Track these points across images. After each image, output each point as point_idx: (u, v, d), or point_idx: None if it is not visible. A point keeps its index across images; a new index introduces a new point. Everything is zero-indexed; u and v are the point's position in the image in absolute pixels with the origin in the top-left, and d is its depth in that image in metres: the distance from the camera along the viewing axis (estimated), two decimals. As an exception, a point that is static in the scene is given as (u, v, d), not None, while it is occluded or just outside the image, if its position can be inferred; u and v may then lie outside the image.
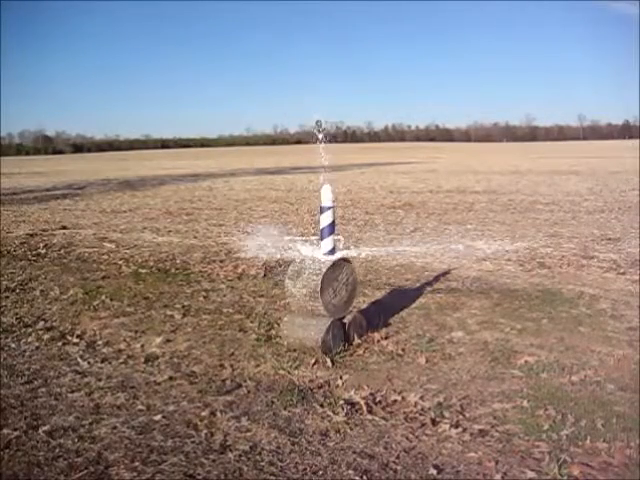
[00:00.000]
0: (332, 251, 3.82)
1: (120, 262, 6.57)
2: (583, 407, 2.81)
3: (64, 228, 9.46)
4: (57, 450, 2.52)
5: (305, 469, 2.35)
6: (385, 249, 6.51)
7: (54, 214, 11.54)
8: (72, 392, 3.15)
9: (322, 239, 3.83)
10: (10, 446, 2.56)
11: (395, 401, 2.96)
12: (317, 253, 3.83)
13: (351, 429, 2.68)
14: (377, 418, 2.78)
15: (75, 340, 4.03)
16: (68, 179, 22.89)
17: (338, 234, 3.98)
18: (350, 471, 2.32)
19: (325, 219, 3.81)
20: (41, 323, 4.43)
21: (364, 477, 2.28)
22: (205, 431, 2.68)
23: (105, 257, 6.94)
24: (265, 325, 4.21)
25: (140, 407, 2.95)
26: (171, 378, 3.33)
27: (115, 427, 2.72)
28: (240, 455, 2.46)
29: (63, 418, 2.82)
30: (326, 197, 3.81)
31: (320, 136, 3.81)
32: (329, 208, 3.81)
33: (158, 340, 3.98)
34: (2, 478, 2.33)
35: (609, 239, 7.29)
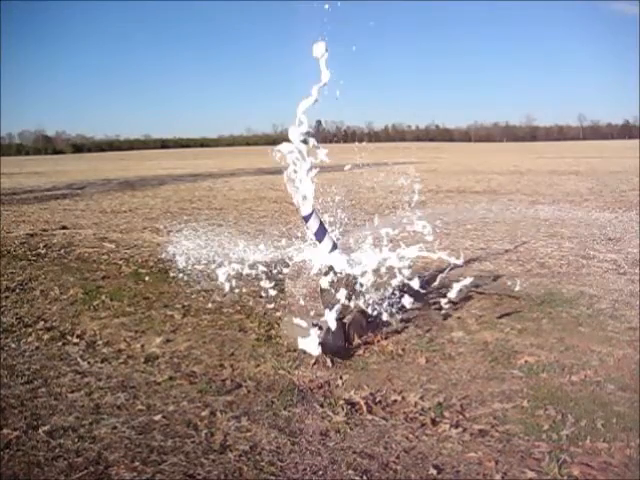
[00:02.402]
0: (334, 247, 3.82)
1: (120, 262, 6.57)
2: (583, 407, 2.81)
3: (64, 228, 9.46)
4: (57, 450, 2.52)
5: (305, 469, 2.35)
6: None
7: (54, 214, 11.53)
8: (72, 392, 3.15)
9: (320, 242, 3.82)
10: (10, 446, 2.56)
11: (395, 401, 2.96)
12: (319, 254, 3.83)
13: (351, 429, 2.68)
14: (377, 418, 2.78)
15: (75, 340, 4.04)
16: (68, 179, 22.87)
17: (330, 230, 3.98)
18: (350, 471, 2.32)
19: (313, 225, 3.80)
20: (41, 323, 4.43)
21: (364, 477, 2.28)
22: (205, 431, 2.68)
23: (105, 257, 6.94)
24: (265, 325, 4.21)
25: (140, 407, 2.95)
26: (171, 378, 3.33)
27: (115, 427, 2.73)
28: (240, 455, 2.47)
29: (63, 418, 2.83)
30: (305, 207, 3.77)
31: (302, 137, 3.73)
32: (311, 214, 3.78)
33: (158, 340, 3.98)
34: (2, 478, 2.33)
35: (609, 239, 7.29)
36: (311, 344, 3.44)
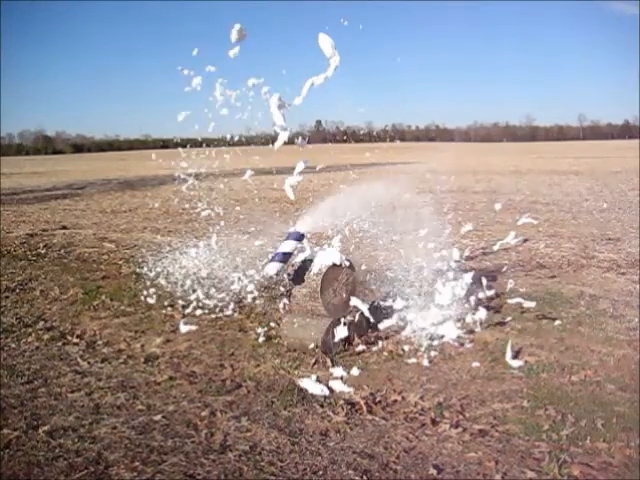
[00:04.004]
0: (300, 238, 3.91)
1: (120, 262, 6.57)
2: (583, 407, 2.81)
3: (64, 228, 9.46)
4: (57, 450, 2.52)
5: (305, 469, 2.35)
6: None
7: (54, 214, 11.53)
8: (72, 392, 3.15)
9: (303, 239, 3.92)
10: (10, 446, 2.56)
11: (395, 401, 2.96)
12: (320, 254, 3.84)
13: (351, 429, 2.68)
14: (377, 418, 2.78)
15: (75, 340, 4.04)
16: (68, 179, 22.87)
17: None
18: (350, 471, 2.32)
19: (286, 247, 3.89)
20: (41, 323, 4.43)
21: (364, 477, 2.29)
22: (205, 431, 2.68)
23: (105, 257, 6.94)
24: (265, 325, 4.21)
25: (140, 407, 2.95)
26: (171, 378, 3.33)
27: (115, 427, 2.73)
28: (240, 455, 2.47)
29: (63, 418, 2.83)
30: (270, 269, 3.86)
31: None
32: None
33: (158, 340, 3.98)
34: (2, 478, 2.33)
35: (609, 239, 7.28)
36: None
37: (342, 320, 3.73)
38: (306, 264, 3.80)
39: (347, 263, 3.88)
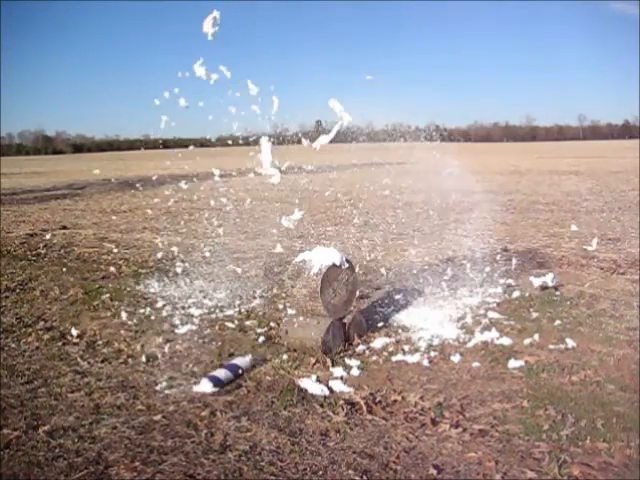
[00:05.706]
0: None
1: (120, 262, 6.57)
2: (583, 407, 2.81)
3: (64, 228, 9.46)
4: (57, 450, 2.52)
5: (305, 469, 2.35)
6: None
7: (54, 214, 11.53)
8: (72, 392, 3.15)
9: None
10: (10, 446, 2.56)
11: (395, 401, 2.96)
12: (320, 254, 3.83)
13: (351, 429, 2.68)
14: (377, 418, 2.78)
15: (75, 340, 4.04)
16: (68, 179, 22.86)
17: None
18: (350, 471, 2.32)
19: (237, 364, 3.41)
20: (41, 323, 4.43)
21: (364, 477, 2.29)
22: (205, 431, 2.68)
23: (105, 257, 6.94)
24: (265, 325, 4.21)
25: (140, 407, 2.95)
26: (171, 378, 3.33)
27: (115, 427, 2.73)
28: (240, 455, 2.47)
29: (63, 418, 2.83)
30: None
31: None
32: None
33: (158, 340, 3.98)
34: (2, 478, 2.33)
35: (609, 239, 7.28)
36: None
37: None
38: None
39: (347, 264, 3.88)
